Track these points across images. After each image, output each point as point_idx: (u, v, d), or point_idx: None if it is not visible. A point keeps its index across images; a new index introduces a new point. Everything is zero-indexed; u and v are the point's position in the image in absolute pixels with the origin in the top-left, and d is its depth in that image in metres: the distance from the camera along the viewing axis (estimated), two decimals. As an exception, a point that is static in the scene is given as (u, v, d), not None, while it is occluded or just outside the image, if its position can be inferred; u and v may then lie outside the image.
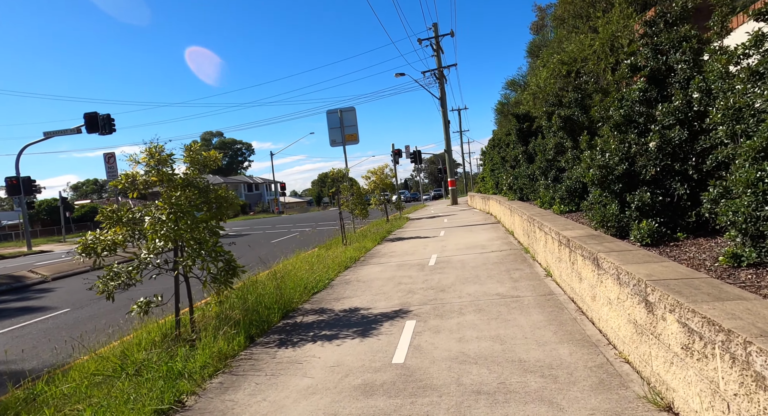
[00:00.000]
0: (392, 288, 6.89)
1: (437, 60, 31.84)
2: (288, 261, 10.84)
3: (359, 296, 6.64)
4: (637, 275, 3.13)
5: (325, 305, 6.37)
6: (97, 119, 25.48)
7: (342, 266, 9.31)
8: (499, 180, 17.91)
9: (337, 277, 8.44)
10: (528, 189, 11.99)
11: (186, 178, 5.74)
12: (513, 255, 8.45)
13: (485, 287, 6.24)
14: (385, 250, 11.45)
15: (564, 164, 8.81)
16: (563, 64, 11.32)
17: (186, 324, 5.63)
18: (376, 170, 22.11)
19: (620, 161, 4.66)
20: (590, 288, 4.36)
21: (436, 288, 6.54)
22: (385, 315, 5.50)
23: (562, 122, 7.67)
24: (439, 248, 10.56)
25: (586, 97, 7.35)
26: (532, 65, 17.36)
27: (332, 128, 16.52)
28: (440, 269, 7.98)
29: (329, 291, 7.29)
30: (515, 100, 18.23)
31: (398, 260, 9.45)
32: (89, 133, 26.02)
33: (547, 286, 5.92)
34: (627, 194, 4.61)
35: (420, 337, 4.54)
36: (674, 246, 4.10)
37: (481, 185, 26.90)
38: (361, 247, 11.88)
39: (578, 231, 5.40)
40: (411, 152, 42.30)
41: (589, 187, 5.43)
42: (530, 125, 12.76)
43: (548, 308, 4.96)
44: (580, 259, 4.65)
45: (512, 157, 13.95)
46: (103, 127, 25.78)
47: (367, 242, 12.78)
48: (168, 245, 5.32)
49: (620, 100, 4.85)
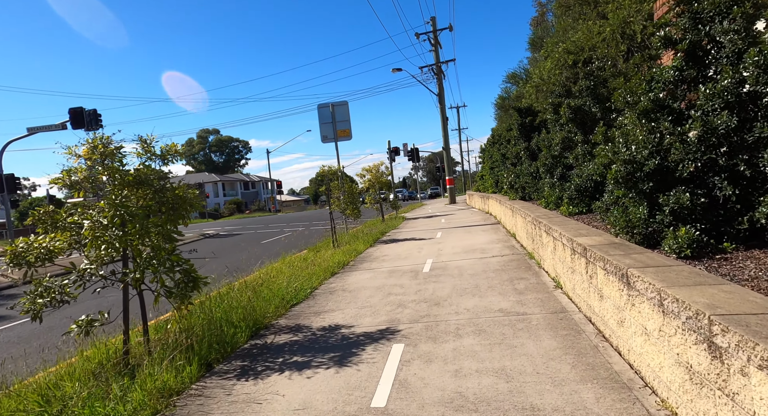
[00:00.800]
0: (380, 300, 6.09)
1: (435, 55, 31.00)
2: (272, 266, 10.04)
3: (342, 310, 5.83)
4: (693, 305, 2.33)
5: (302, 321, 5.56)
6: (83, 115, 24.58)
7: (328, 272, 8.50)
8: (499, 178, 17.11)
9: (322, 285, 7.63)
10: (531, 188, 11.20)
11: (139, 174, 4.93)
12: (516, 261, 7.65)
13: (486, 301, 5.44)
14: (377, 253, 10.64)
15: (572, 161, 8.01)
16: (569, 54, 10.50)
17: (138, 345, 4.82)
18: (371, 168, 21.29)
19: (650, 155, 3.85)
20: (616, 310, 3.56)
21: (430, 301, 5.73)
22: (369, 335, 4.69)
23: (572, 113, 6.87)
24: (435, 251, 9.76)
25: (600, 84, 6.54)
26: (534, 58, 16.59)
27: (323, 123, 15.70)
28: (435, 277, 7.17)
29: (310, 303, 6.48)
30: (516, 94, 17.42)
31: (390, 266, 8.65)
32: (74, 129, 25.10)
33: (557, 301, 5.12)
34: (659, 194, 3.81)
35: (408, 368, 3.73)
36: (723, 260, 3.30)
37: (480, 183, 26.11)
38: (352, 250, 11.07)
39: (595, 238, 4.60)
40: (409, 150, 41.48)
41: (609, 185, 4.63)
42: (533, 120, 11.96)
43: (562, 331, 4.16)
44: (601, 273, 3.85)
45: (513, 154, 13.15)
46: (90, 122, 24.88)
47: (358, 244, 11.97)
48: (113, 254, 4.50)
49: (649, 82, 4.04)
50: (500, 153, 15.23)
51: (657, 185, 3.85)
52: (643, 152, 3.89)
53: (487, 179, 21.55)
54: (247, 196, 77.93)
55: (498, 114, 23.37)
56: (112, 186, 4.83)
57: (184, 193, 4.99)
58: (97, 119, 26.32)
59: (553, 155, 8.60)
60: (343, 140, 15.90)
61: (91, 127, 26.11)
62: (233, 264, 12.39)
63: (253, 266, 10.33)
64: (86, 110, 26.36)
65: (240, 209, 66.15)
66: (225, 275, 8.10)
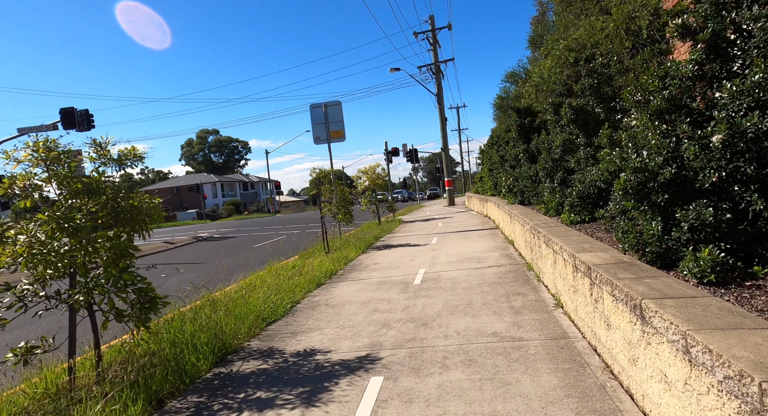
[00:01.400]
0: (364, 318, 5.56)
1: (434, 54, 30.48)
2: (257, 274, 9.53)
3: (322, 330, 5.31)
4: (734, 361, 1.80)
5: (276, 344, 5.03)
6: (74, 115, 24.14)
7: (314, 283, 7.97)
8: (497, 181, 16.59)
9: (305, 299, 7.10)
10: (530, 192, 10.68)
11: (91, 181, 4.42)
12: (514, 273, 7.12)
13: (479, 322, 4.91)
14: (368, 261, 10.11)
15: (574, 165, 7.49)
16: (570, 51, 9.98)
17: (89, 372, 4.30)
18: (367, 170, 20.78)
19: (665, 163, 3.32)
20: (627, 345, 3.03)
21: (418, 321, 5.20)
22: (346, 364, 4.17)
23: (574, 113, 6.34)
24: (429, 260, 9.23)
25: (604, 82, 6.02)
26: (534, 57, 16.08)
27: (316, 124, 15.19)
28: (426, 290, 6.64)
29: (288, 320, 5.95)
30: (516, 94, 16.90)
31: (380, 276, 8.12)
32: (66, 129, 24.69)
33: (558, 323, 4.58)
34: (675, 208, 3.29)
35: (385, 409, 3.21)
36: (755, 289, 2.78)
37: (479, 185, 25.58)
38: (343, 257, 10.55)
39: (601, 255, 4.07)
40: (407, 151, 41.00)
41: (616, 194, 4.10)
42: (532, 121, 11.43)
43: (563, 364, 3.63)
44: (608, 299, 3.32)
45: (512, 156, 12.63)
46: (81, 123, 24.45)
47: (350, 250, 11.45)
48: (52, 273, 3.98)
49: (663, 78, 3.51)
50: (499, 155, 14.71)
51: (673, 197, 3.32)
52: (656, 159, 3.36)
53: (486, 182, 21.03)
54: (246, 197, 77.48)
55: (497, 114, 22.83)
56: (59, 195, 4.32)
57: (140, 202, 4.47)
58: (89, 119, 25.93)
59: (553, 158, 8.07)
60: (337, 141, 15.39)
61: (83, 127, 25.68)
62: (218, 272, 11.89)
63: (239, 274, 9.83)
64: (77, 110, 25.95)
65: (238, 210, 65.67)
66: (204, 286, 7.58)
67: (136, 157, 4.84)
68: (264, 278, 8.96)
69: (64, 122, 24.56)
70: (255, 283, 8.55)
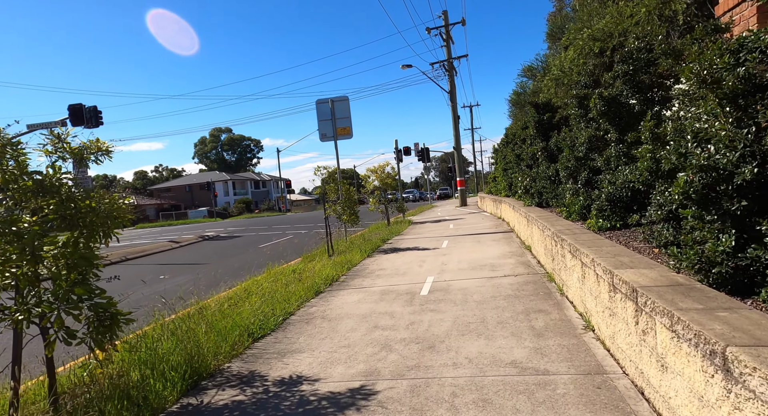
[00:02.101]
0: (362, 337, 4.88)
1: (447, 51, 29.67)
2: (255, 279, 8.93)
3: (313, 351, 4.64)
4: None
5: (259, 367, 4.38)
6: (82, 111, 24.01)
7: (312, 290, 7.32)
8: (512, 181, 15.77)
9: (300, 309, 6.45)
10: (549, 193, 9.88)
11: (45, 177, 3.81)
12: (533, 284, 6.36)
13: (495, 346, 4.19)
14: (373, 266, 9.43)
15: (601, 164, 6.70)
16: (595, 41, 9.16)
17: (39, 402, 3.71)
18: (376, 169, 20.11)
19: (741, 159, 2.57)
20: (697, 402, 2.29)
21: (423, 342, 4.50)
22: (335, 399, 3.49)
23: (604, 105, 5.56)
24: (439, 266, 8.51)
25: (641, 69, 5.22)
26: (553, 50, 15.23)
27: (322, 120, 14.56)
28: (434, 303, 5.93)
29: (278, 337, 5.30)
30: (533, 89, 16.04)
31: (384, 285, 7.43)
32: (74, 126, 24.56)
33: (590, 352, 3.84)
34: (758, 218, 2.53)
35: (375, 471, 2.52)
36: None
37: (492, 185, 24.72)
38: (346, 261, 9.89)
39: (646, 273, 3.32)
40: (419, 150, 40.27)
41: (664, 201, 3.35)
42: (552, 116, 10.63)
43: (603, 412, 2.89)
44: (664, 334, 2.59)
45: (529, 155, 11.82)
46: (90, 119, 24.30)
47: (354, 254, 10.79)
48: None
49: (736, 52, 2.75)
50: (514, 154, 13.90)
51: (753, 205, 2.57)
52: (729, 155, 2.60)
53: (500, 182, 20.18)
54: (257, 195, 77.51)
55: (512, 111, 21.94)
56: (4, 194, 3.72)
57: (98, 203, 3.84)
58: (97, 115, 25.80)
59: (576, 156, 7.29)
60: (344, 138, 14.75)
61: (91, 124, 25.55)
62: (218, 274, 11.37)
63: (238, 277, 9.25)
64: (86, 107, 25.79)
65: (249, 208, 65.60)
66: (195, 293, 6.99)
67: (100, 151, 4.23)
68: (261, 283, 8.35)
69: (73, 119, 24.39)
70: (251, 289, 7.96)
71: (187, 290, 7.65)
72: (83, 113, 24.34)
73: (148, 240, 25.18)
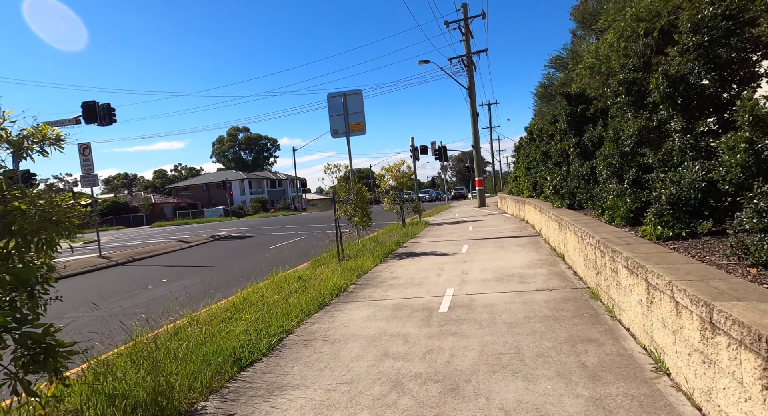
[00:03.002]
0: (369, 369, 3.99)
1: (466, 45, 28.57)
2: (257, 286, 8.14)
3: (308, 387, 3.77)
4: None
5: (239, 410, 3.52)
6: (95, 109, 23.74)
7: (316, 303, 6.47)
8: (537, 181, 14.68)
9: (300, 327, 5.60)
10: (583, 194, 8.83)
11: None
12: (573, 302, 5.38)
13: (537, 392, 3.24)
14: (386, 273, 8.54)
15: (653, 161, 5.68)
16: (639, 22, 8.08)
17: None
18: (391, 167, 19.22)
19: None
20: None
21: (444, 381, 3.59)
22: (326, 469, 2.60)
23: (670, 86, 4.53)
24: (459, 275, 7.56)
25: (717, 41, 4.18)
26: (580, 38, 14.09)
27: (334, 115, 13.74)
28: (456, 323, 5.01)
29: (269, 364, 4.45)
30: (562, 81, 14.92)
31: (397, 297, 6.53)
32: (87, 123, 24.37)
33: (672, 410, 2.86)
34: None
35: None
36: None
37: (513, 185, 23.55)
38: (357, 267, 9.03)
39: (765, 308, 2.35)
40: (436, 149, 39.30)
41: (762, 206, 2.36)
42: (586, 108, 9.56)
43: None
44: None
45: (558, 151, 10.76)
46: (103, 117, 24.03)
47: (366, 258, 9.92)
48: None
49: None
50: (540, 151, 12.83)
51: None
52: None
53: (522, 181, 19.05)
54: (273, 194, 77.49)
55: (538, 105, 20.73)
56: None
57: (31, 205, 3.04)
58: (110, 113, 25.50)
59: (622, 151, 6.26)
60: (357, 134, 13.91)
61: (104, 121, 25.28)
62: (221, 278, 10.68)
63: (240, 283, 8.49)
64: (99, 104, 25.53)
65: (265, 207, 65.50)
66: (198, 296, 6.24)
67: (47, 140, 3.44)
68: (262, 291, 7.56)
69: (86, 116, 24.15)
70: (250, 298, 7.18)
71: (185, 297, 6.95)
72: (96, 110, 24.05)
73: (160, 240, 24.83)
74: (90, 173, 16.52)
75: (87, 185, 16.53)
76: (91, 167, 16.59)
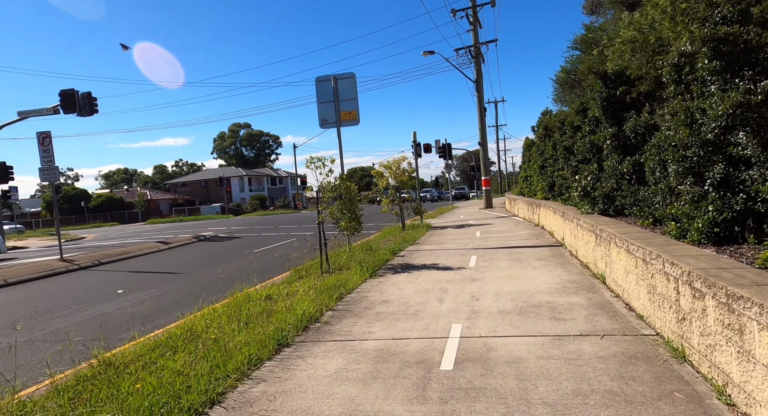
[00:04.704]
0: None
1: (474, 35, 26.70)
2: (214, 307, 6.40)
3: None
4: None
5: None
6: (74, 97, 22.04)
7: (274, 340, 4.70)
8: (555, 181, 12.85)
9: (236, 390, 3.81)
10: (625, 198, 7.01)
11: None
12: (645, 364, 3.56)
13: None
14: (374, 294, 6.76)
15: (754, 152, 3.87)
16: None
17: None
18: (390, 164, 17.39)
19: None
20: None
21: None
22: None
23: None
24: (467, 302, 5.77)
25: None
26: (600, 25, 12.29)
27: (323, 103, 11.93)
28: (466, 397, 3.22)
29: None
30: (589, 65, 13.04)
31: (384, 336, 4.74)
32: (66, 113, 22.71)
33: None
34: None
35: None
36: None
37: (523, 185, 21.68)
38: (341, 283, 7.29)
39: None
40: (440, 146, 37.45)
41: None
42: (627, 91, 7.72)
43: None
44: None
45: (587, 145, 8.92)
46: (83, 107, 22.31)
47: (354, 272, 8.16)
48: None
49: None
50: (562, 146, 10.99)
51: None
52: None
53: (535, 182, 17.20)
54: (273, 191, 75.85)
55: (557, 94, 18.82)
56: None
57: None
58: (91, 102, 23.70)
59: (703, 139, 4.44)
60: (349, 124, 12.10)
61: (85, 111, 23.52)
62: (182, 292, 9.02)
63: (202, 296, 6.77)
64: (80, 93, 23.70)
65: (263, 205, 63.84)
66: (143, 317, 4.54)
67: None
68: (216, 316, 5.86)
69: (64, 105, 22.42)
70: (197, 327, 5.49)
71: (132, 315, 5.27)
72: (76, 99, 22.33)
73: (141, 239, 23.14)
74: (50, 165, 14.78)
75: (47, 180, 14.81)
76: (51, 158, 14.85)
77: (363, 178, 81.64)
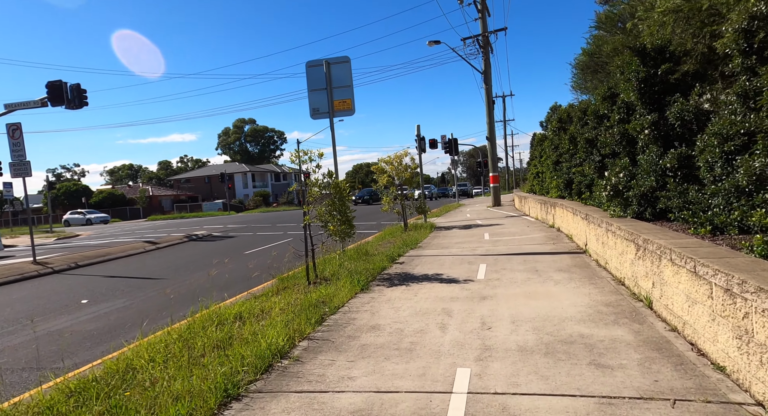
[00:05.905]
0: None
1: (482, 23, 25.31)
2: (174, 328, 5.25)
3: None
4: None
5: None
6: (62, 89, 20.95)
7: (220, 391, 3.51)
8: (573, 178, 11.54)
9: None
10: (672, 199, 5.72)
11: None
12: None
13: None
14: (363, 316, 5.54)
15: None
16: None
17: None
18: (391, 159, 16.12)
19: None
20: None
21: None
22: None
23: None
24: (476, 332, 4.53)
25: None
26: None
27: (314, 90, 10.70)
28: None
29: None
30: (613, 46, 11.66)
31: (367, 386, 3.52)
32: (53, 106, 21.61)
33: None
34: None
35: None
36: None
37: (535, 182, 20.33)
38: (326, 298, 6.15)
39: None
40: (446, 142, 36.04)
41: None
42: (671, 70, 6.41)
43: None
44: None
45: (616, 137, 7.62)
46: (72, 99, 21.20)
47: (343, 283, 6.96)
48: None
49: None
50: (583, 138, 9.67)
51: None
52: None
53: (547, 178, 15.87)
54: (277, 188, 74.87)
55: (575, 80, 17.39)
56: None
57: None
58: (81, 94, 22.49)
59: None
60: (343, 114, 10.88)
61: (74, 104, 22.36)
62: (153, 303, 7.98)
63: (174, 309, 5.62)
64: (69, 85, 22.50)
65: (266, 201, 62.82)
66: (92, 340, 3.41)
67: None
68: (160, 348, 4.68)
69: (52, 97, 21.30)
70: (137, 363, 4.38)
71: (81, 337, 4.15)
72: (64, 91, 21.22)
73: (131, 239, 22.10)
74: (21, 159, 13.69)
75: (18, 176, 13.71)
76: (22, 152, 13.76)
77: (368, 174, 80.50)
